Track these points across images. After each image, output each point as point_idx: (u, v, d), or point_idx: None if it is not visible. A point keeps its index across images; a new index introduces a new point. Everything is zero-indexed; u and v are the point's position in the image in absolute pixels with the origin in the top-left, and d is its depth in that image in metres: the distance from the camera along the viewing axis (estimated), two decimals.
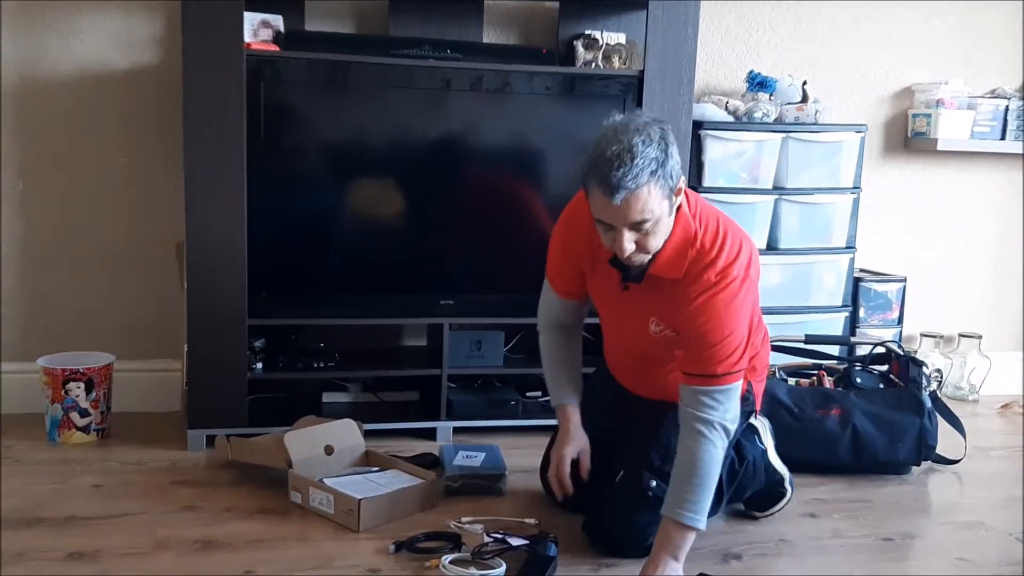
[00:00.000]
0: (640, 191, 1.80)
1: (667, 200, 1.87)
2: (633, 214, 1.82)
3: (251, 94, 2.53)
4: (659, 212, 1.85)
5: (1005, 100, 3.42)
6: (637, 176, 1.78)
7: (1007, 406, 3.45)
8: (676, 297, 1.97)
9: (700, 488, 1.91)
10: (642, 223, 1.84)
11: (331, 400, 2.96)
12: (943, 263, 3.62)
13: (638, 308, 2.07)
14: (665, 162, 1.82)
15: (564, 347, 2.30)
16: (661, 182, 1.82)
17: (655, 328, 2.06)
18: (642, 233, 1.87)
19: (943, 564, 2.14)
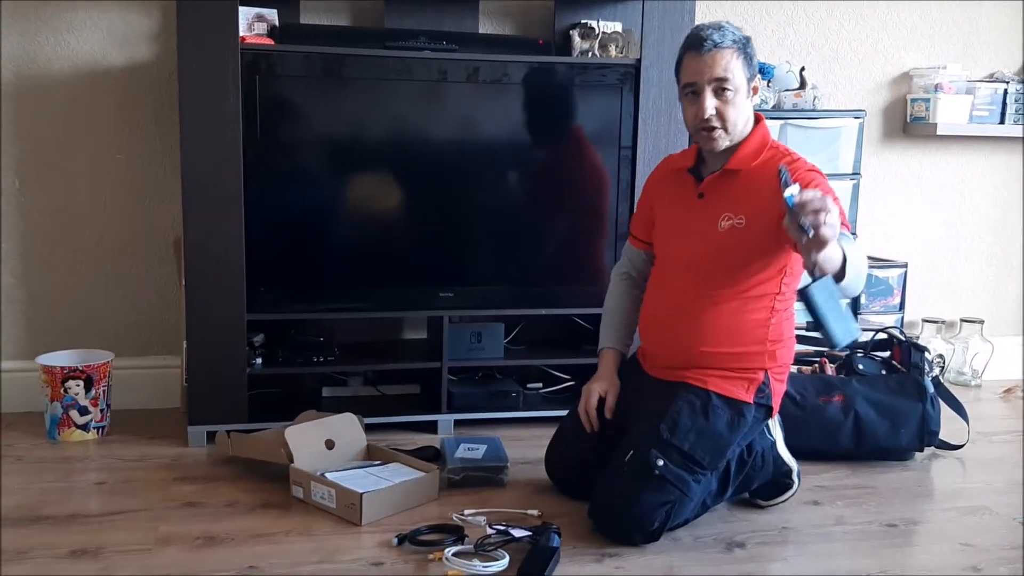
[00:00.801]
0: (724, 50, 2.07)
1: (745, 77, 2.11)
2: (717, 69, 2.07)
3: (247, 89, 2.52)
4: (738, 81, 2.09)
5: (1004, 84, 3.41)
6: (724, 36, 2.08)
7: (1009, 391, 3.45)
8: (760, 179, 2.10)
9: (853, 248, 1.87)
10: (724, 82, 2.08)
11: (331, 394, 2.95)
12: (944, 248, 3.61)
13: (707, 212, 2.17)
14: (747, 46, 2.11)
15: (625, 296, 2.41)
16: (743, 57, 2.10)
17: (724, 223, 2.14)
18: (723, 100, 2.09)
19: (947, 549, 2.14)
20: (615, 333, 2.40)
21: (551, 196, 2.82)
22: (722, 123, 2.11)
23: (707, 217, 2.17)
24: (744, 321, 2.15)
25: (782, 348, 2.20)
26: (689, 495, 2.09)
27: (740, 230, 2.12)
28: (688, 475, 2.08)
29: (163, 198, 2.91)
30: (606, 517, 2.11)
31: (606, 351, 2.38)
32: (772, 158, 2.14)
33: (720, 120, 2.11)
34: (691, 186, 2.22)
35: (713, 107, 2.10)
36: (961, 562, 2.07)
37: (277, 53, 2.57)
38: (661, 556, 2.03)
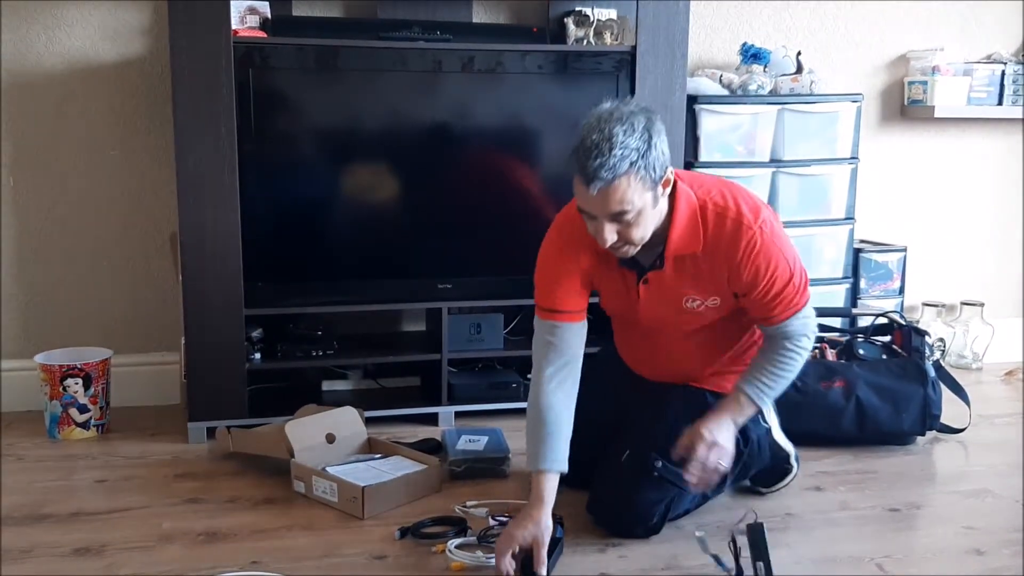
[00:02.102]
0: (618, 182, 1.77)
1: (649, 192, 1.83)
2: (611, 205, 1.80)
3: (240, 82, 2.51)
4: (639, 204, 1.81)
5: (1001, 65, 3.39)
6: (615, 167, 1.75)
7: (1011, 373, 3.44)
8: (714, 265, 1.97)
9: (781, 383, 2.05)
10: (621, 214, 1.81)
11: (331, 388, 2.95)
12: (943, 231, 3.61)
13: (665, 295, 2.04)
14: (647, 153, 1.79)
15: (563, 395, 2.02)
16: (642, 173, 1.79)
17: (691, 304, 2.04)
18: (623, 224, 1.84)
19: (950, 533, 2.14)
20: (555, 448, 1.96)
21: (548, 185, 2.81)
22: (628, 242, 1.87)
23: (666, 298, 2.03)
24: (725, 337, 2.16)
25: None
26: (687, 490, 2.08)
27: (716, 308, 2.05)
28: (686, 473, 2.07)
29: (158, 193, 2.89)
30: (606, 513, 2.11)
31: (544, 475, 1.93)
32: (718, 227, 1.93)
33: (625, 241, 1.87)
34: (629, 274, 2.04)
35: (615, 233, 1.84)
36: (964, 545, 2.07)
37: (270, 46, 2.56)
38: (665, 545, 2.03)
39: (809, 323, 2.06)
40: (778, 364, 2.04)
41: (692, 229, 1.94)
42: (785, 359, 2.04)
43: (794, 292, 1.99)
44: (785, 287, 1.98)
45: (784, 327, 2.03)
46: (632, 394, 2.21)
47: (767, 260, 1.94)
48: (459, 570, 1.90)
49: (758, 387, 2.05)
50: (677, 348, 2.15)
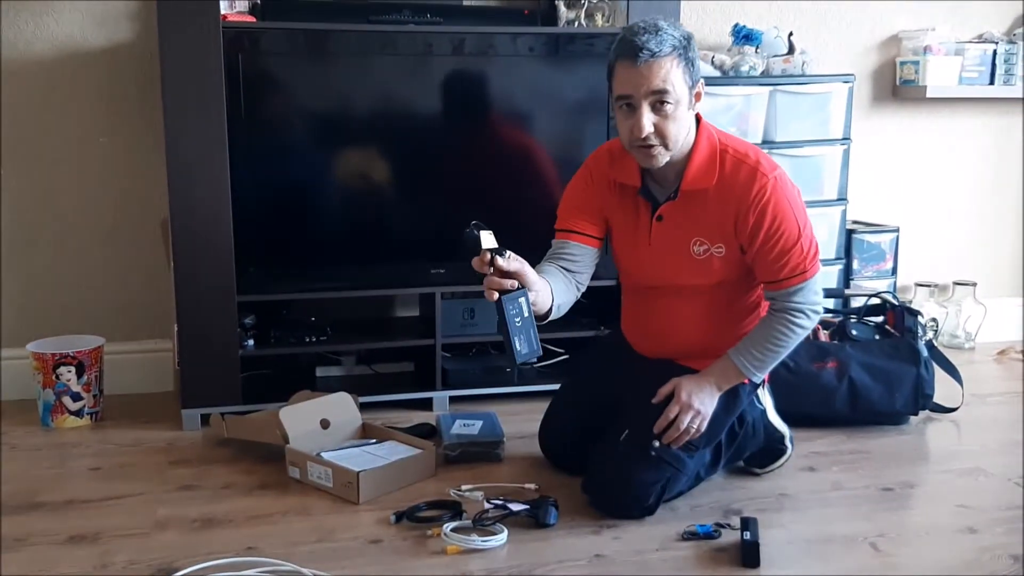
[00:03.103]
0: (663, 60, 1.87)
1: (687, 86, 1.92)
2: (655, 81, 1.87)
3: (230, 66, 2.49)
4: (679, 93, 1.90)
5: (993, 45, 3.38)
6: (662, 43, 1.86)
7: (1003, 352, 3.45)
8: (724, 205, 1.99)
9: (773, 356, 2.06)
10: (663, 94, 1.88)
11: (325, 374, 2.94)
12: (935, 211, 3.61)
13: (675, 237, 2.06)
14: (688, 49, 1.91)
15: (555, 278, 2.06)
16: (684, 63, 1.90)
17: (698, 249, 2.05)
18: (661, 115, 1.90)
19: (943, 511, 2.15)
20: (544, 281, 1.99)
21: (540, 169, 2.80)
22: (661, 140, 1.93)
23: (676, 241, 2.06)
24: (746, 309, 2.16)
25: None
26: (684, 471, 2.10)
27: (721, 258, 2.05)
28: (684, 453, 2.09)
29: (149, 180, 2.88)
30: (602, 494, 2.11)
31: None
32: (731, 175, 1.99)
33: (659, 137, 1.92)
34: (643, 206, 2.09)
35: (651, 123, 1.90)
36: (957, 523, 2.08)
37: (259, 30, 2.55)
38: (660, 526, 2.04)
39: (813, 298, 2.05)
40: (774, 339, 2.05)
41: (709, 164, 2.00)
42: (782, 334, 2.04)
43: (801, 255, 1.99)
44: (792, 247, 1.98)
45: (787, 295, 2.02)
46: (631, 377, 2.21)
47: (776, 210, 1.97)
48: (454, 554, 1.90)
49: (749, 359, 2.07)
50: (680, 313, 2.14)
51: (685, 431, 2.05)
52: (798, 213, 2.01)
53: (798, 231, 1.99)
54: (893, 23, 3.43)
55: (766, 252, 2.00)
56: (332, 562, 1.87)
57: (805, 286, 2.02)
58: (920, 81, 3.34)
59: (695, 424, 2.06)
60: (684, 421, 2.05)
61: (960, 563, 1.90)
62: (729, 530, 2.00)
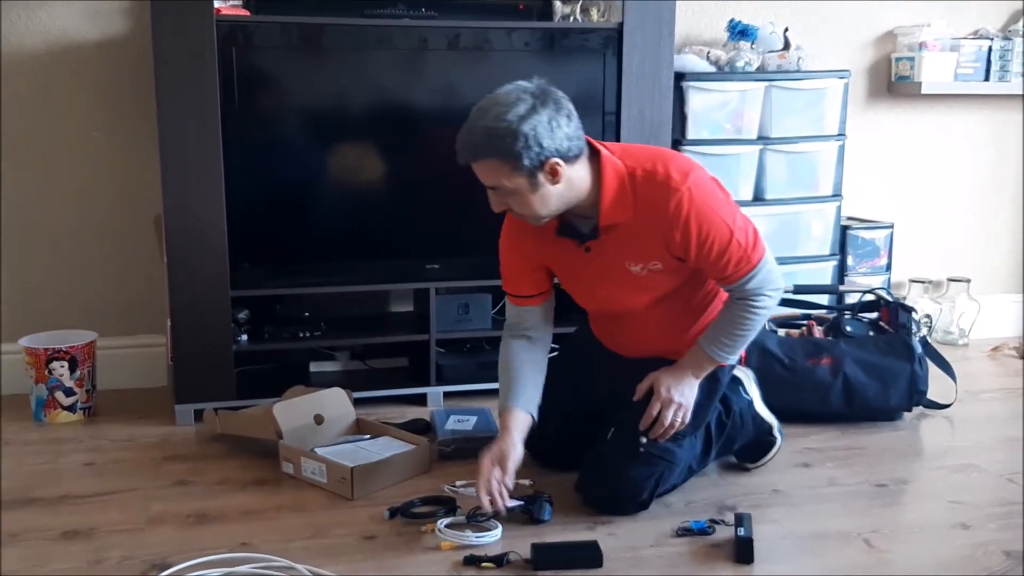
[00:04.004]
0: (478, 164, 1.89)
1: (522, 178, 1.86)
2: (483, 178, 1.91)
3: (224, 61, 2.48)
4: (510, 185, 1.87)
5: (988, 41, 3.39)
6: (472, 150, 1.87)
7: (997, 348, 3.46)
8: (648, 229, 1.97)
9: (741, 340, 2.05)
10: (495, 189, 1.90)
11: (319, 369, 2.94)
12: (930, 207, 3.61)
13: (610, 261, 2.05)
14: (513, 142, 1.82)
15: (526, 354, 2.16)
16: (506, 158, 1.84)
17: (636, 269, 2.04)
18: (505, 197, 1.91)
19: (937, 507, 2.15)
20: (522, 393, 2.10)
21: None
22: (523, 217, 1.95)
23: (611, 267, 2.05)
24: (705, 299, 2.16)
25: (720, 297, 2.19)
26: (676, 462, 2.10)
27: (659, 272, 2.04)
28: (672, 444, 2.09)
29: (142, 175, 2.87)
30: (595, 491, 2.11)
31: (511, 409, 2.07)
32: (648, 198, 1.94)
33: (520, 215, 1.95)
34: (571, 244, 2.06)
35: (501, 204, 1.94)
36: (951, 519, 2.08)
37: (253, 24, 2.53)
38: (654, 522, 2.04)
39: (768, 278, 2.01)
40: (739, 324, 2.04)
41: (621, 198, 1.95)
42: (746, 318, 2.03)
43: (740, 250, 1.97)
44: (728, 246, 1.96)
45: (741, 285, 2.01)
46: (616, 374, 2.21)
47: (699, 220, 1.92)
48: (449, 549, 1.90)
49: (719, 346, 2.06)
50: (644, 323, 2.15)
51: (670, 425, 2.06)
52: (723, 212, 1.95)
53: (728, 230, 1.95)
54: (889, 19, 3.43)
55: (705, 258, 1.98)
56: (326, 558, 1.86)
57: (755, 273, 1.99)
58: (915, 77, 3.34)
59: (679, 417, 2.06)
60: (668, 416, 2.05)
61: (953, 559, 1.90)
62: (723, 526, 2.00)
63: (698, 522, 2.00)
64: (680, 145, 2.95)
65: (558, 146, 1.85)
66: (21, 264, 2.87)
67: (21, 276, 2.87)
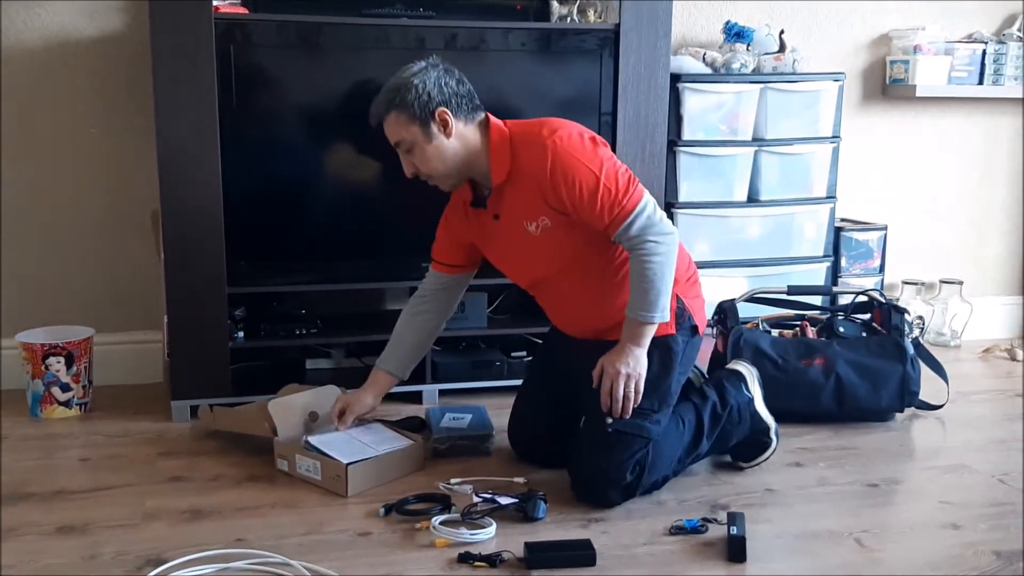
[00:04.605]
0: (383, 121, 2.12)
1: (416, 127, 2.08)
2: (389, 137, 2.13)
3: (222, 58, 2.49)
4: (410, 138, 2.10)
5: (982, 44, 3.40)
6: (376, 109, 2.12)
7: (989, 350, 3.48)
8: (530, 183, 2.09)
9: (654, 291, 2.06)
10: (398, 145, 2.13)
11: (315, 367, 2.95)
12: (923, 210, 3.63)
13: (513, 225, 2.16)
14: (407, 93, 2.07)
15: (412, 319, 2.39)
16: (399, 111, 2.08)
17: (532, 228, 2.14)
18: (411, 155, 2.12)
19: (928, 507, 2.17)
20: (392, 355, 2.38)
21: None
22: (428, 174, 2.15)
23: (514, 228, 2.16)
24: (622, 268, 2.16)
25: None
26: (652, 437, 2.11)
27: (551, 228, 2.12)
28: (642, 421, 2.10)
29: (139, 171, 2.87)
30: (582, 485, 2.14)
31: (376, 369, 2.38)
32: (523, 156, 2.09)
33: (423, 174, 2.15)
34: (483, 213, 2.22)
35: (410, 166, 2.15)
36: (941, 519, 2.10)
37: (252, 22, 2.54)
38: (647, 520, 2.05)
39: (649, 224, 2.05)
40: (644, 278, 2.06)
41: (502, 155, 2.12)
42: (643, 269, 2.05)
43: (610, 196, 2.04)
44: (597, 193, 2.03)
45: (624, 234, 2.06)
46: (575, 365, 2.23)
47: (565, 168, 2.04)
48: (443, 547, 1.91)
49: (640, 306, 2.07)
50: (566, 291, 2.22)
51: (626, 396, 2.08)
52: (588, 160, 2.05)
53: (594, 176, 2.03)
54: (883, 22, 3.45)
55: (580, 208, 2.06)
56: (321, 554, 1.87)
57: (632, 220, 2.04)
58: (910, 80, 3.35)
59: (631, 386, 2.08)
60: (619, 388, 2.07)
61: (944, 559, 1.91)
62: (716, 525, 2.01)
63: (691, 521, 2.01)
64: (675, 146, 2.96)
65: (446, 98, 2.09)
66: (18, 259, 2.87)
67: (18, 271, 2.88)
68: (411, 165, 2.14)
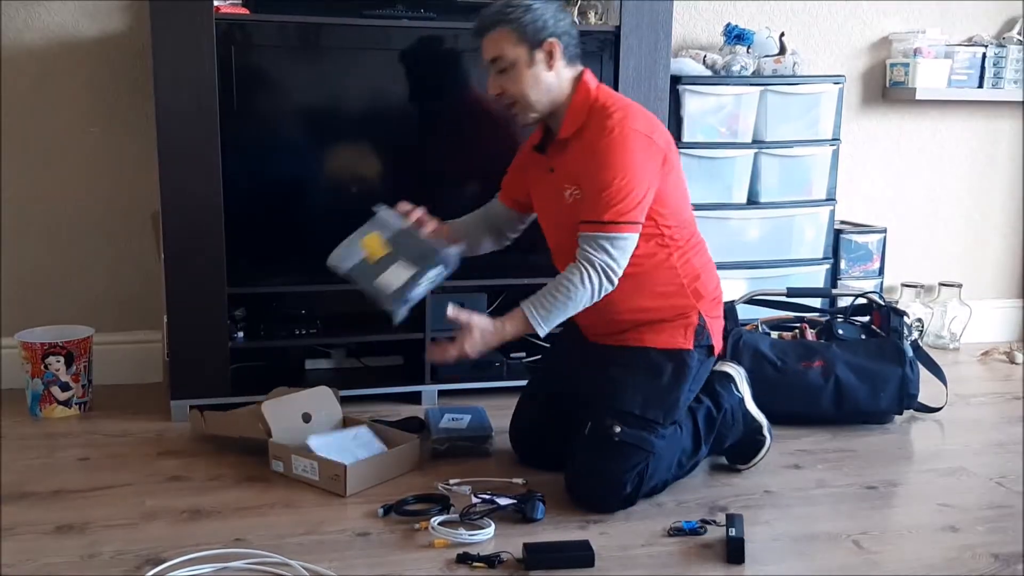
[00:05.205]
0: (490, 32, 2.10)
1: (523, 48, 2.08)
2: (489, 50, 2.11)
3: (222, 59, 2.49)
4: (512, 56, 2.08)
5: (982, 48, 3.41)
6: (486, 18, 2.11)
7: (988, 353, 3.48)
8: (583, 149, 2.10)
9: (558, 304, 2.05)
10: (497, 61, 2.10)
11: (314, 367, 2.95)
12: (923, 213, 3.63)
13: (558, 184, 2.16)
14: (524, 16, 2.07)
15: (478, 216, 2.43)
16: (514, 28, 2.07)
17: (567, 194, 2.13)
18: (503, 76, 2.11)
19: (926, 510, 2.17)
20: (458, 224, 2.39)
21: None
22: (514, 98, 2.13)
23: (557, 189, 2.17)
24: (646, 271, 2.13)
25: (702, 282, 2.19)
26: (655, 452, 2.10)
27: (580, 200, 2.10)
28: (648, 434, 2.09)
29: (140, 171, 2.87)
30: (579, 489, 2.13)
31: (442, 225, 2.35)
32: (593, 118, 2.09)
33: (509, 97, 2.14)
34: (542, 161, 2.22)
35: (497, 86, 2.14)
36: (939, 522, 2.10)
37: (252, 22, 2.54)
38: (646, 521, 2.05)
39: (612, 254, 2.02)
40: (563, 289, 2.04)
41: (577, 115, 2.12)
42: (570, 285, 2.04)
43: (605, 201, 2.01)
44: (603, 189, 2.02)
45: (586, 237, 2.04)
46: (582, 368, 2.23)
47: (603, 152, 2.04)
48: (442, 547, 1.91)
49: (539, 304, 2.06)
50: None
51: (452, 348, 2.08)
52: (624, 159, 2.02)
53: (613, 176, 2.01)
54: (883, 25, 3.45)
55: (586, 190, 2.07)
56: (320, 554, 1.88)
57: (605, 236, 2.02)
58: (910, 83, 3.36)
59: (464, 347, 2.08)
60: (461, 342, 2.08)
61: (942, 561, 1.92)
62: (715, 526, 2.02)
63: (690, 522, 2.02)
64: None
65: (559, 32, 2.10)
66: (19, 259, 2.87)
67: (18, 271, 2.88)
68: (499, 86, 2.13)
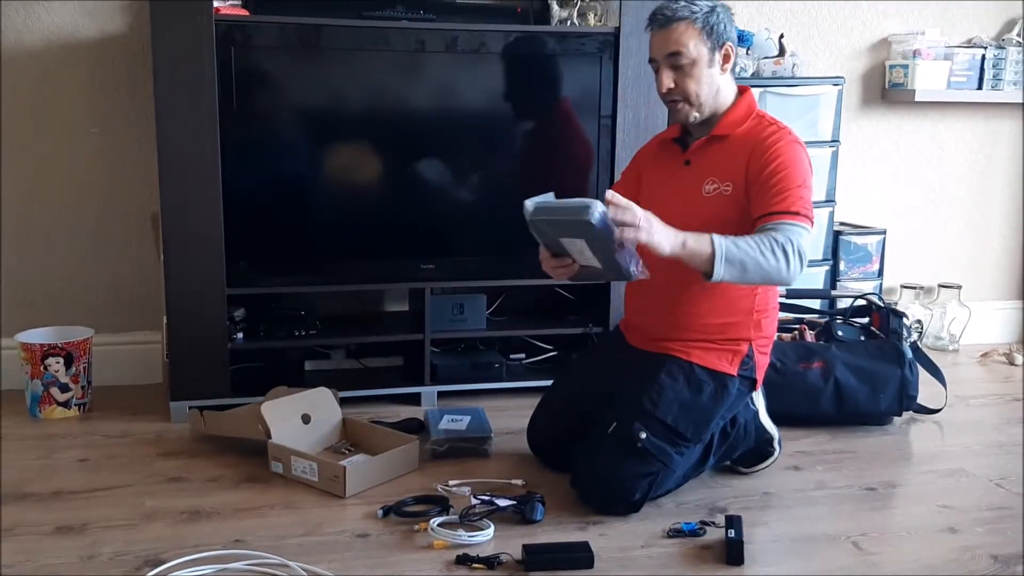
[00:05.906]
0: (679, 23, 2.08)
1: (705, 47, 2.09)
2: (670, 44, 2.09)
3: (222, 60, 2.49)
4: (694, 53, 2.08)
5: (981, 49, 3.41)
6: (678, 10, 2.08)
7: (987, 355, 3.48)
8: (742, 149, 2.12)
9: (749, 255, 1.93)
10: (677, 56, 2.08)
11: (314, 368, 2.95)
12: (922, 214, 3.63)
13: (694, 179, 2.17)
14: (709, 17, 2.08)
15: None
16: (700, 26, 2.08)
17: (710, 187, 2.14)
18: (680, 74, 2.10)
19: (925, 511, 2.17)
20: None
21: (531, 166, 2.81)
22: (684, 96, 2.13)
23: (692, 182, 2.17)
24: (731, 289, 2.13)
25: (767, 318, 2.20)
26: (671, 467, 2.10)
27: (727, 196, 2.12)
28: (671, 448, 2.09)
29: (139, 172, 2.88)
30: (589, 488, 2.13)
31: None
32: (756, 127, 2.14)
33: (681, 93, 2.12)
34: (677, 154, 2.23)
35: (670, 81, 2.12)
36: (939, 523, 2.10)
37: (252, 23, 2.54)
38: (645, 523, 2.05)
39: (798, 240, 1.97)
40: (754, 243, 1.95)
41: (740, 114, 2.17)
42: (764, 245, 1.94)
43: (797, 199, 2.03)
44: (791, 188, 2.04)
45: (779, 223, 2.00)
46: (618, 372, 2.23)
47: (784, 157, 2.06)
48: (441, 548, 1.91)
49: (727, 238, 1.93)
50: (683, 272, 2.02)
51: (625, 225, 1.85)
52: (803, 173, 2.08)
53: (799, 181, 2.05)
54: (883, 27, 3.45)
55: (767, 187, 2.05)
56: (319, 555, 1.88)
57: (792, 224, 1.99)
58: (909, 85, 3.36)
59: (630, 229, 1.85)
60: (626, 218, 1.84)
61: (941, 562, 1.92)
62: (714, 528, 2.02)
63: (689, 524, 2.02)
64: None
65: (734, 38, 2.14)
66: (18, 260, 2.87)
67: (18, 272, 2.88)
68: (673, 80, 2.12)
